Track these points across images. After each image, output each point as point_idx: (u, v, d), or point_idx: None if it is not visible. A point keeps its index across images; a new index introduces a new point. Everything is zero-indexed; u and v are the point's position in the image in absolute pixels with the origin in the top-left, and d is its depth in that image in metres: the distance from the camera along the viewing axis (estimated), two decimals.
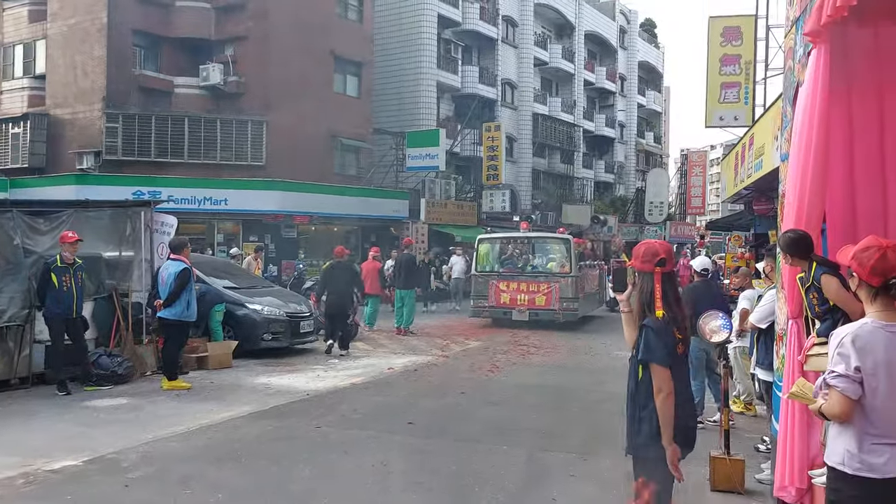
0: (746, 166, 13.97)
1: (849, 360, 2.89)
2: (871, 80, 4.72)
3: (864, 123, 4.71)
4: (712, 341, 5.57)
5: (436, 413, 8.03)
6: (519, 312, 16.06)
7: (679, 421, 3.47)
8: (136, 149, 22.42)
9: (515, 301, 16.11)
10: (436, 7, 30.61)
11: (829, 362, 3.00)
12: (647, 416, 3.49)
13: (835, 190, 4.66)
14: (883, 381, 2.88)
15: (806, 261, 4.26)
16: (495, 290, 16.26)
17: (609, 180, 46.84)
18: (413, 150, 27.45)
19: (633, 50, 49.13)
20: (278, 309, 11.88)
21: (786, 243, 4.30)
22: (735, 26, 21.23)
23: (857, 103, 4.72)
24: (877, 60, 4.70)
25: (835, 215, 4.69)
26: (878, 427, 2.92)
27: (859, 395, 2.89)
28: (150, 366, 10.10)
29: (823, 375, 3.01)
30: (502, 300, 16.22)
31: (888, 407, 2.90)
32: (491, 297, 16.32)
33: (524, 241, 17.89)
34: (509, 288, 16.23)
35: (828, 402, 2.98)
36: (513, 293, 16.16)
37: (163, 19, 23.34)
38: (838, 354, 2.93)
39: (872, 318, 2.97)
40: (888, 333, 2.91)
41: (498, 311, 16.29)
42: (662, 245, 3.61)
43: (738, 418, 7.95)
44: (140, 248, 10.62)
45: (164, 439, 6.79)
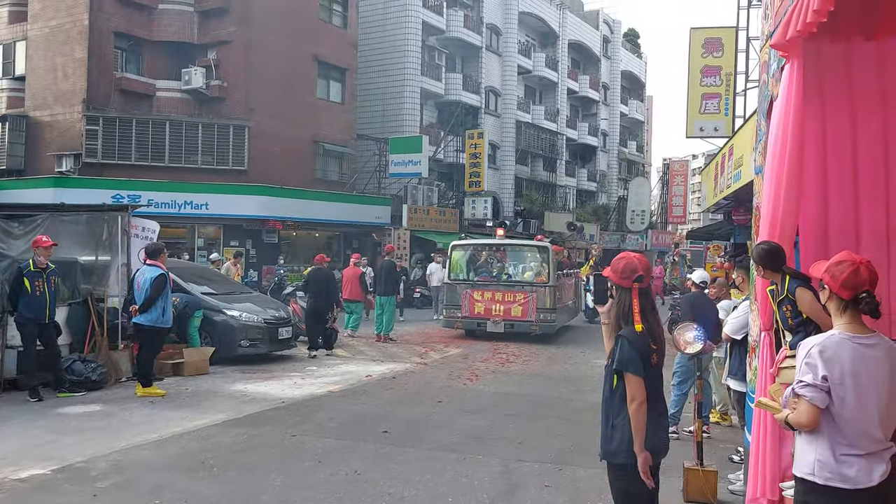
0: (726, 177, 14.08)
1: (816, 370, 2.94)
2: (844, 94, 4.77)
3: (837, 137, 4.75)
4: (686, 353, 5.57)
5: (412, 422, 7.99)
6: (494, 323, 15.29)
7: (652, 429, 3.53)
8: (117, 152, 22.23)
9: (490, 311, 15.33)
10: (420, 14, 30.67)
11: (797, 373, 3.03)
12: (621, 424, 3.55)
13: (808, 203, 4.70)
14: (850, 391, 2.93)
15: (778, 273, 4.29)
16: (469, 300, 15.47)
17: (591, 189, 47.06)
18: (396, 156, 27.44)
19: (616, 59, 49.44)
20: (256, 315, 11.80)
21: (759, 255, 4.33)
22: (716, 38, 21.42)
23: (830, 117, 4.76)
24: (849, 75, 4.76)
25: (808, 228, 4.73)
26: (847, 437, 2.96)
27: (826, 403, 2.94)
28: (125, 372, 9.98)
29: (792, 385, 3.04)
30: (476, 310, 15.42)
31: (856, 418, 2.94)
32: (464, 307, 15.50)
33: (500, 248, 17.22)
34: (484, 297, 15.45)
35: (796, 412, 3.02)
36: (487, 303, 15.37)
37: (145, 22, 23.18)
38: (806, 364, 2.98)
39: (840, 329, 3.02)
40: (855, 345, 2.96)
41: (472, 321, 15.48)
42: (641, 261, 3.66)
43: (713, 428, 8.00)
44: (117, 252, 10.51)
45: (136, 447, 6.70)
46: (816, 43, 4.68)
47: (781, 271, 4.25)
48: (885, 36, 4.61)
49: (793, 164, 4.15)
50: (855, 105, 4.70)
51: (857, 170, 4.69)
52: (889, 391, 2.97)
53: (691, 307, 7.74)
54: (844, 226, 4.70)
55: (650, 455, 3.51)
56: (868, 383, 2.94)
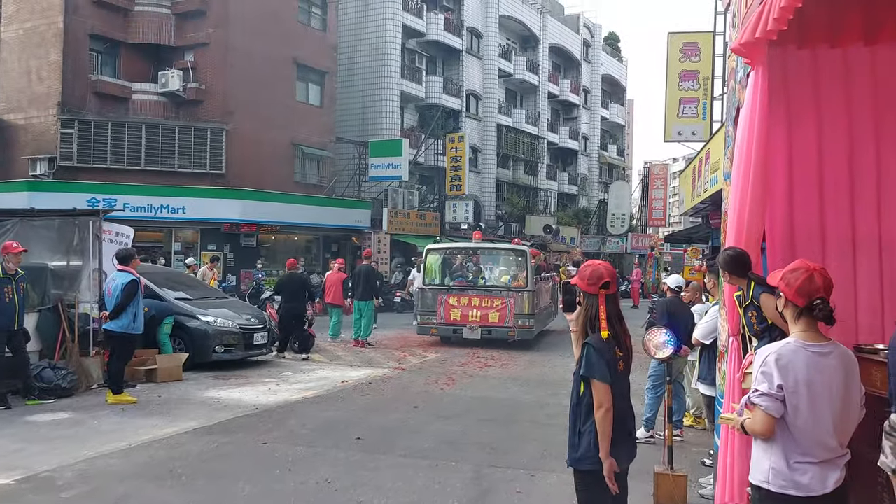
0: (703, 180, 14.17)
1: (772, 379, 2.95)
2: (810, 101, 4.80)
3: (802, 144, 4.78)
4: (655, 357, 5.57)
5: (386, 428, 7.94)
6: (470, 330, 14.79)
7: (618, 436, 3.56)
8: (92, 155, 22.01)
9: (467, 317, 14.85)
10: (400, 17, 30.65)
11: (753, 380, 3.04)
12: (587, 431, 3.56)
13: (775, 209, 4.73)
14: (804, 400, 2.94)
15: (744, 279, 4.31)
16: (445, 305, 14.97)
17: (572, 192, 47.25)
18: (376, 159, 27.39)
19: (596, 63, 49.71)
20: (231, 321, 11.70)
21: (724, 261, 4.35)
22: (693, 42, 21.59)
23: (795, 124, 4.79)
24: (815, 83, 4.79)
25: (774, 234, 4.75)
26: (801, 446, 2.97)
27: (781, 412, 2.95)
28: (96, 379, 9.84)
29: (748, 394, 3.05)
30: (452, 316, 14.94)
31: (809, 427, 2.96)
32: (440, 313, 15.00)
33: (477, 252, 16.72)
34: (460, 303, 14.95)
35: (751, 420, 3.03)
36: (464, 308, 14.90)
37: (121, 24, 22.99)
38: (762, 373, 2.98)
39: (796, 337, 3.03)
40: (809, 353, 2.97)
41: (447, 328, 15.05)
42: (607, 268, 3.68)
43: (687, 432, 8.01)
44: (88, 258, 10.37)
45: (104, 456, 6.60)
46: (782, 50, 4.71)
47: (747, 277, 4.27)
48: (849, 44, 4.65)
49: (758, 170, 4.17)
50: (820, 112, 4.73)
51: (822, 176, 4.72)
52: (843, 399, 2.99)
53: (667, 312, 7.76)
54: (810, 231, 4.73)
55: (615, 462, 3.51)
56: (822, 392, 2.95)
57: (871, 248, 4.62)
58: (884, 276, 4.59)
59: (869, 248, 4.63)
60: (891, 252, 4.59)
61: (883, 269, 4.59)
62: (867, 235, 4.63)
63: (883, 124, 4.63)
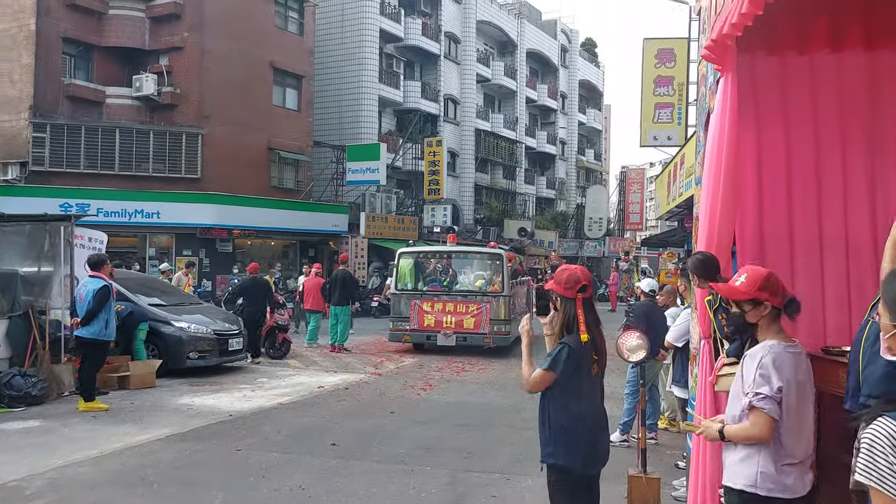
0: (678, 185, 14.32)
1: (771, 381, 2.95)
2: (778, 106, 4.86)
3: (771, 148, 4.83)
4: (629, 361, 5.60)
5: (362, 433, 7.90)
6: (444, 336, 14.33)
7: (591, 438, 3.62)
8: (65, 160, 21.72)
9: (441, 323, 14.36)
10: (378, 22, 30.63)
11: (746, 384, 3.02)
12: (556, 426, 3.61)
13: (744, 213, 4.77)
14: (794, 400, 2.98)
15: (713, 282, 4.34)
16: (418, 311, 14.50)
17: (550, 196, 47.45)
18: (354, 163, 27.33)
19: (574, 68, 50.01)
20: (206, 327, 11.59)
21: (693, 265, 4.39)
22: (669, 48, 21.81)
23: (764, 129, 4.85)
24: (782, 88, 4.85)
25: (744, 237, 4.80)
26: (787, 447, 2.99)
27: (779, 414, 2.95)
28: (67, 386, 9.71)
29: (749, 399, 3.00)
30: (426, 322, 14.47)
31: (795, 427, 3.00)
32: (413, 319, 14.52)
33: (451, 256, 16.30)
34: (434, 308, 14.51)
35: (750, 425, 2.98)
36: (438, 314, 14.42)
37: (94, 28, 22.72)
38: (761, 376, 2.97)
39: (777, 339, 3.07)
40: (790, 353, 3.03)
41: (421, 334, 14.56)
42: (583, 272, 3.73)
43: (661, 435, 8.06)
44: (60, 263, 10.23)
45: (74, 464, 6.50)
46: (751, 56, 4.77)
47: (716, 281, 4.30)
48: (816, 51, 4.71)
49: (728, 174, 4.21)
50: (788, 117, 4.79)
51: (790, 180, 4.78)
52: (812, 397, 3.04)
53: (644, 316, 7.82)
54: (779, 235, 4.78)
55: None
56: (808, 391, 3.02)
57: (838, 251, 4.68)
58: (850, 278, 4.65)
59: (836, 250, 4.69)
60: (857, 254, 4.65)
61: (850, 271, 4.65)
62: (834, 238, 4.70)
63: (848, 129, 4.70)
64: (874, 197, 4.66)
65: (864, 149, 4.68)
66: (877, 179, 4.65)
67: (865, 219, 4.65)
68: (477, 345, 14.44)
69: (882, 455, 1.38)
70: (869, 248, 4.62)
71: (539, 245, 40.24)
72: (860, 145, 4.68)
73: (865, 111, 4.68)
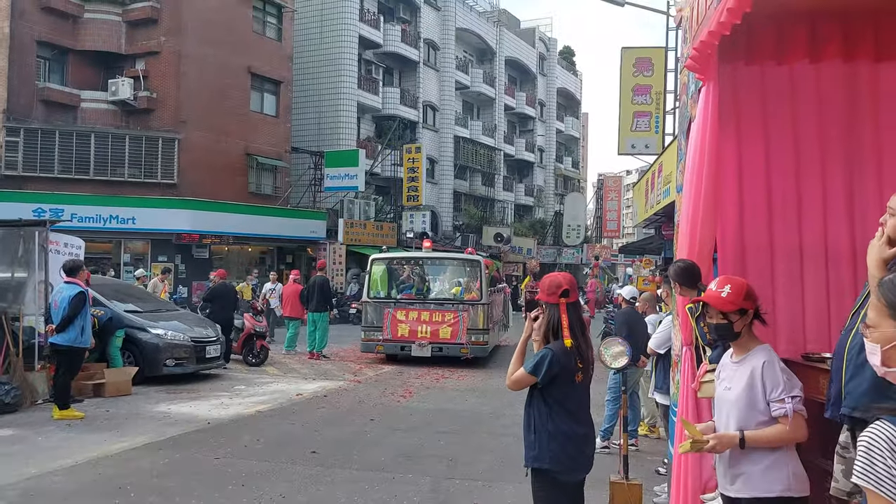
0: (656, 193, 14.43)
1: (796, 382, 3.09)
2: (758, 116, 4.91)
3: (751, 157, 4.88)
4: (611, 367, 5.62)
5: (342, 441, 7.85)
6: (419, 347, 13.72)
7: (576, 444, 3.63)
8: (38, 164, 21.42)
9: (415, 333, 13.77)
10: (357, 28, 30.60)
11: (774, 390, 3.06)
12: (542, 431, 3.61)
13: (725, 220, 4.82)
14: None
15: (694, 290, 4.37)
16: (392, 320, 13.88)
17: (529, 203, 47.63)
18: (332, 169, 27.22)
19: (552, 77, 50.31)
20: (183, 333, 11.47)
21: (675, 273, 4.42)
22: (646, 57, 22.02)
23: (745, 138, 4.90)
24: (762, 97, 4.90)
25: (725, 245, 4.84)
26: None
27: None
28: (41, 394, 9.55)
29: (788, 404, 3.03)
30: (400, 332, 13.85)
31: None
32: (386, 329, 13.90)
33: (427, 262, 15.80)
34: (408, 317, 13.90)
35: (792, 428, 3.02)
36: (412, 324, 13.83)
37: (70, 31, 22.46)
38: (788, 380, 3.06)
39: (765, 344, 3.21)
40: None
41: (394, 344, 13.90)
42: (565, 277, 3.73)
43: (642, 441, 8.10)
44: (34, 269, 10.07)
45: (49, 473, 6.39)
46: (732, 66, 4.82)
47: (697, 288, 4.34)
48: (796, 61, 4.77)
49: (709, 182, 4.25)
50: (768, 126, 4.84)
51: (770, 188, 4.83)
52: None
53: (626, 323, 7.86)
54: (759, 242, 4.83)
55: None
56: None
57: (817, 259, 4.74)
58: (830, 286, 4.71)
59: (816, 258, 4.74)
60: (836, 262, 4.71)
61: (829, 279, 4.71)
62: (814, 246, 4.75)
63: (827, 138, 4.77)
64: (852, 205, 4.72)
65: (842, 158, 4.74)
66: (854, 188, 4.72)
67: (844, 227, 4.71)
68: (453, 355, 13.89)
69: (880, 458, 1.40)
70: (847, 256, 4.68)
71: (517, 252, 40.36)
72: (839, 154, 4.75)
73: (844, 121, 4.75)
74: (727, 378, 3.29)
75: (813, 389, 3.74)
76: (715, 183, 4.30)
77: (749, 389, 3.10)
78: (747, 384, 3.11)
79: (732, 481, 3.22)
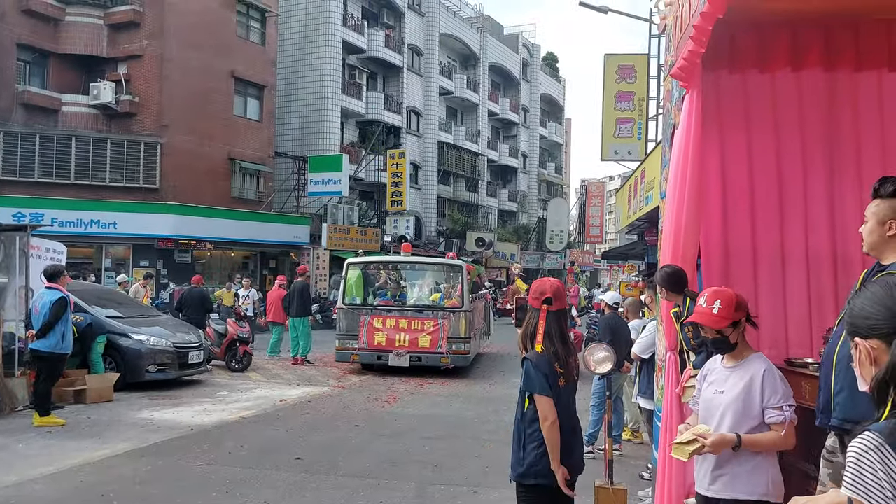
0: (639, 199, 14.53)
1: (790, 390, 3.16)
2: (741, 123, 4.97)
3: (734, 164, 4.94)
4: (596, 372, 5.65)
5: (326, 447, 7.82)
6: (397, 356, 12.98)
7: (565, 448, 3.60)
8: (18, 169, 21.19)
9: (393, 342, 13.04)
10: (340, 33, 30.58)
11: (774, 396, 3.11)
12: (532, 446, 3.58)
13: (709, 226, 4.87)
14: None
15: (680, 295, 4.41)
16: (368, 328, 13.12)
17: (512, 209, 47.77)
18: (315, 174, 27.16)
19: (535, 83, 50.53)
20: (165, 339, 11.37)
21: (661, 278, 4.46)
22: (629, 64, 22.21)
23: (728, 145, 4.96)
24: (745, 105, 4.97)
25: (709, 251, 4.89)
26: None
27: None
28: (21, 401, 9.41)
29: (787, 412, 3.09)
30: (377, 340, 13.09)
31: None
32: (362, 337, 13.13)
33: (405, 267, 15.06)
34: (386, 325, 13.15)
35: (786, 435, 3.09)
36: (390, 332, 13.10)
37: (51, 34, 22.25)
38: (786, 389, 3.13)
39: (759, 352, 3.25)
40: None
41: (370, 354, 13.13)
42: (552, 285, 3.74)
43: (625, 446, 8.13)
44: (14, 275, 9.95)
45: (29, 481, 6.31)
46: (715, 75, 4.88)
47: (683, 294, 4.37)
48: (778, 69, 4.84)
49: (693, 188, 4.29)
50: (751, 134, 4.90)
51: (753, 195, 4.89)
52: None
53: (609, 329, 7.91)
54: (742, 248, 4.88)
55: (567, 470, 3.55)
56: None
57: (799, 264, 4.80)
58: (811, 291, 4.77)
59: (797, 263, 4.81)
60: (818, 267, 4.78)
61: (810, 284, 4.77)
62: (795, 252, 4.81)
63: (809, 146, 4.84)
64: (833, 212, 4.79)
65: (823, 165, 4.81)
66: (835, 195, 4.79)
67: (825, 233, 4.77)
68: (433, 365, 13.21)
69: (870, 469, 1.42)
70: (829, 262, 4.75)
71: (501, 257, 40.43)
72: (820, 162, 4.82)
73: (825, 128, 4.82)
74: (717, 382, 3.31)
75: (796, 395, 3.78)
76: (698, 189, 4.35)
77: (746, 395, 3.14)
78: (745, 390, 3.15)
79: (713, 481, 3.26)
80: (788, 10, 4.52)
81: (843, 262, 4.75)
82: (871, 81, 4.77)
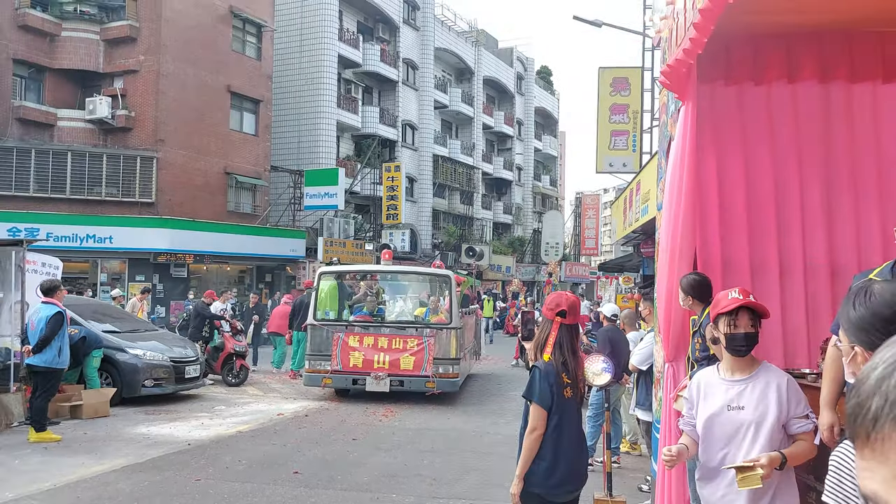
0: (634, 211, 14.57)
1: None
2: (737, 135, 5.02)
3: (730, 175, 4.98)
4: (594, 384, 5.65)
5: (325, 461, 7.79)
6: (376, 379, 11.28)
7: (569, 460, 3.65)
8: (14, 183, 21.17)
9: (371, 363, 11.36)
10: (336, 48, 30.70)
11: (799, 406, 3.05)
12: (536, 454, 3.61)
13: (705, 237, 4.90)
14: None
15: (702, 305, 4.37)
16: (342, 347, 11.45)
17: (507, 221, 47.84)
18: (311, 188, 27.17)
19: (529, 96, 50.75)
20: (162, 354, 11.34)
21: (688, 284, 4.34)
22: (623, 77, 22.30)
23: (724, 156, 4.99)
24: (741, 117, 5.01)
25: (705, 262, 4.91)
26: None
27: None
28: (17, 416, 9.37)
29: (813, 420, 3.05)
30: (353, 362, 11.41)
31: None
32: (335, 358, 11.44)
33: (386, 277, 13.59)
34: (363, 344, 11.50)
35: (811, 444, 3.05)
36: (368, 351, 11.42)
37: (47, 49, 22.30)
38: (805, 400, 3.08)
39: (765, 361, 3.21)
40: None
41: (345, 377, 11.48)
42: (567, 298, 3.77)
43: (624, 458, 8.12)
44: (10, 289, 9.93)
45: (26, 497, 6.28)
46: (711, 87, 4.92)
47: (708, 302, 4.33)
48: (773, 81, 4.89)
49: (689, 199, 4.32)
50: (746, 145, 4.94)
51: (749, 205, 4.92)
52: None
53: (609, 341, 7.91)
54: (739, 258, 4.91)
55: (523, 485, 3.60)
56: None
57: (795, 274, 4.83)
58: (807, 301, 4.80)
59: (793, 274, 4.83)
60: (814, 277, 4.81)
61: (807, 294, 4.80)
62: (792, 262, 4.84)
63: (804, 157, 4.88)
64: (829, 223, 4.83)
65: (819, 176, 4.85)
66: (832, 206, 4.83)
67: (821, 244, 4.81)
68: (417, 390, 11.57)
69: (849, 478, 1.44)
70: (825, 272, 4.78)
71: (496, 270, 40.43)
72: (815, 173, 4.86)
73: (820, 140, 4.86)
74: (726, 397, 3.11)
75: None
76: (694, 200, 4.38)
77: (778, 408, 2.97)
78: (774, 402, 2.99)
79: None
80: (783, 23, 4.57)
81: (840, 272, 4.78)
82: (866, 93, 4.82)
